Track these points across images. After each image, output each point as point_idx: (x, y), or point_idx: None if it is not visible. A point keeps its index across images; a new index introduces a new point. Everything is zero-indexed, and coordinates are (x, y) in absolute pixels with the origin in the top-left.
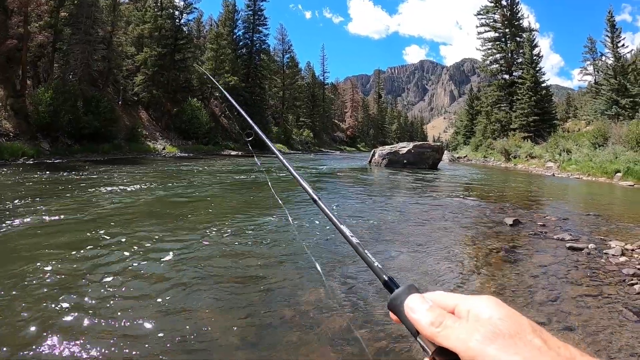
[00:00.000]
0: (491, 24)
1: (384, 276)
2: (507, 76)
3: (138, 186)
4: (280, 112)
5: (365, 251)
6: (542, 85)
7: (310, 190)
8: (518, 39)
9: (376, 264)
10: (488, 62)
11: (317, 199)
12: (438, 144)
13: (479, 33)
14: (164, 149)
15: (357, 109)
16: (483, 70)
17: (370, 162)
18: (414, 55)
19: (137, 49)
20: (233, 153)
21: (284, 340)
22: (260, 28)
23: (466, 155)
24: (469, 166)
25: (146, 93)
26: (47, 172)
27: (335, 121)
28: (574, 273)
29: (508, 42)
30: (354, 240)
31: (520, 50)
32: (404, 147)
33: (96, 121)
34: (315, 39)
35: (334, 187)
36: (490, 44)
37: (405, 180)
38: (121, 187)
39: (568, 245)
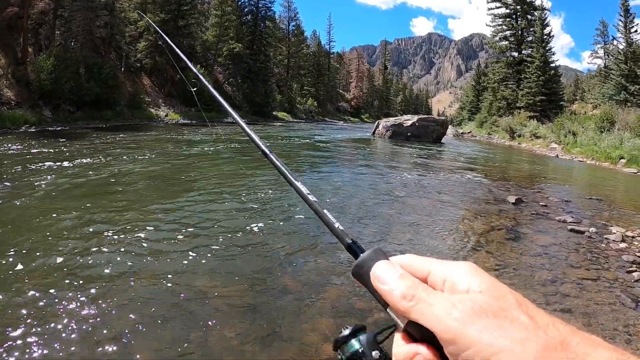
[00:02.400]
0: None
1: (347, 239)
2: (515, 54)
3: (135, 153)
4: (285, 80)
5: (324, 210)
6: (551, 65)
7: (260, 143)
8: (529, 16)
9: (337, 224)
10: (497, 38)
11: (267, 153)
12: (442, 118)
13: (490, 9)
14: (166, 115)
15: (362, 80)
16: (492, 47)
17: (374, 133)
18: (421, 27)
19: (139, 15)
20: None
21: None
22: None
23: (470, 131)
24: (472, 142)
25: (149, 59)
26: (46, 140)
27: (340, 91)
28: (574, 256)
29: (519, 19)
30: (311, 198)
31: (531, 29)
32: (409, 119)
33: (98, 88)
34: (322, 8)
35: (336, 157)
36: (500, 20)
37: (408, 153)
38: (119, 154)
39: (569, 227)
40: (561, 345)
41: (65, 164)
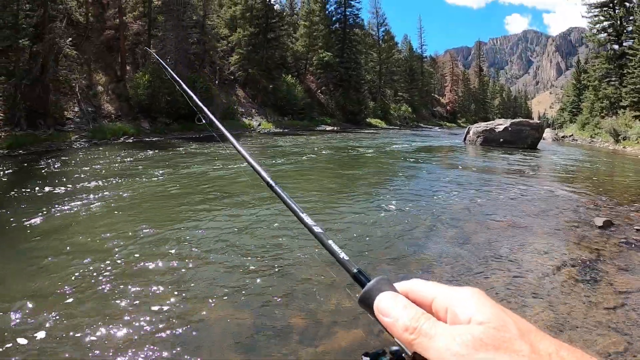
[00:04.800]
0: None
1: (353, 269)
2: (616, 46)
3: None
4: (378, 87)
5: (330, 241)
6: None
7: (265, 175)
8: (627, 4)
9: (342, 255)
10: (595, 30)
11: (273, 185)
12: (538, 122)
13: None
14: (259, 125)
15: (457, 83)
16: (590, 40)
17: (464, 139)
18: (516, 24)
19: (230, 30)
20: (328, 128)
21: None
22: (352, 2)
23: (572, 134)
24: (572, 147)
25: (242, 72)
26: (135, 150)
27: (435, 95)
28: None
29: (616, 7)
30: (317, 229)
31: (630, 18)
32: (501, 124)
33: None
34: (411, 11)
35: (417, 166)
36: (596, 10)
37: (495, 163)
38: (204, 163)
39: None
40: None
41: (151, 170)
